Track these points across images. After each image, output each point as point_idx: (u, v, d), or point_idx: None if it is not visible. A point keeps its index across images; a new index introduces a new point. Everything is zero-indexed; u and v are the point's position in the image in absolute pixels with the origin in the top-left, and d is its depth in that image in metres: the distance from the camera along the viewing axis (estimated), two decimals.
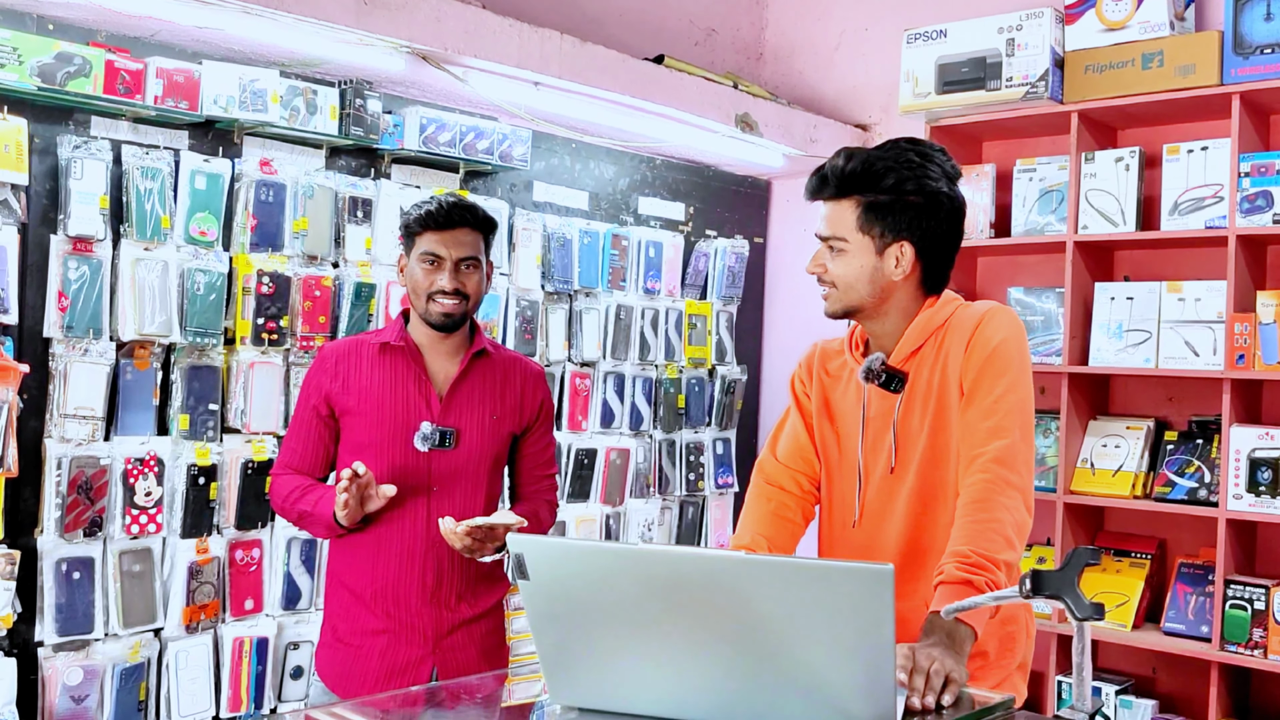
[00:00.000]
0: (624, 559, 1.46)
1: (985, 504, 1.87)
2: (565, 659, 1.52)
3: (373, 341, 2.49)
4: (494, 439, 2.50)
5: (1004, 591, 1.56)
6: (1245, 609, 3.35)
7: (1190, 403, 3.71)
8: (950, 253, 2.08)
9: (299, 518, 2.45)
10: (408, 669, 2.40)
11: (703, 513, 4.42)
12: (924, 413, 2.04)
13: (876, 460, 2.09)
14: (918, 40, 3.96)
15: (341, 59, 3.05)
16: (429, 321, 2.43)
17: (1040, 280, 3.96)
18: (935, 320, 2.06)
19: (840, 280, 2.04)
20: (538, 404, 2.58)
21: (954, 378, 2.01)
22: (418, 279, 2.42)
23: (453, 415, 2.45)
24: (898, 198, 1.99)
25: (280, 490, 2.48)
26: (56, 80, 2.65)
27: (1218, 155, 3.49)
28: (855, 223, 2.01)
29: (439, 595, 2.43)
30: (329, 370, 2.47)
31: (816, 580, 1.36)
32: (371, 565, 2.42)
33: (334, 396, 2.45)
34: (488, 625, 2.53)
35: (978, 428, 1.95)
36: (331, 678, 2.45)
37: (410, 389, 2.44)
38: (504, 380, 2.53)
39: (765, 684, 1.43)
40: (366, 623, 2.42)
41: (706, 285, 4.40)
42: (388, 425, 2.42)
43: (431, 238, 2.41)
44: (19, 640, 2.72)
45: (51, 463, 2.74)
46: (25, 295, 2.71)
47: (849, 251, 2.02)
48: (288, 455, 2.51)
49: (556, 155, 3.90)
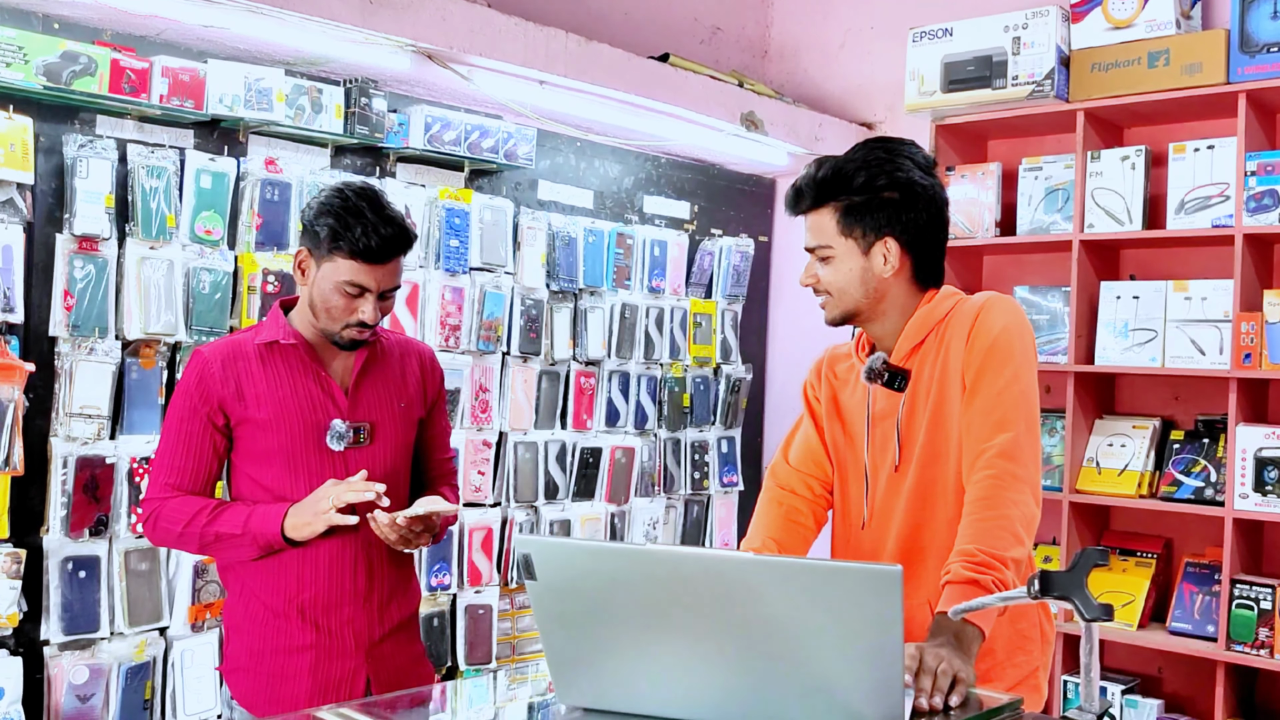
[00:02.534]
0: (632, 559, 1.45)
1: (992, 501, 1.86)
2: (573, 659, 1.51)
3: (254, 341, 2.25)
4: (407, 427, 2.36)
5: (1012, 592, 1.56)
6: (1251, 608, 3.34)
7: (1196, 402, 3.70)
8: (937, 241, 2.07)
9: (214, 540, 2.18)
10: (341, 683, 2.24)
11: (708, 512, 4.41)
12: (925, 409, 2.03)
13: (882, 460, 2.09)
14: (923, 39, 3.95)
15: (347, 58, 3.05)
16: (335, 342, 2.23)
17: (1046, 279, 3.95)
18: (935, 314, 2.05)
19: (833, 287, 2.05)
20: (437, 385, 2.45)
21: (956, 371, 2.00)
22: (334, 304, 2.18)
23: (362, 409, 2.28)
24: (872, 196, 1.99)
25: (175, 516, 2.19)
26: (62, 79, 2.65)
27: (1224, 154, 3.49)
28: (836, 228, 2.02)
29: (371, 599, 2.27)
30: (216, 376, 2.20)
31: (825, 581, 1.35)
32: (297, 577, 2.22)
33: (228, 404, 2.20)
34: (412, 631, 2.40)
35: (982, 422, 1.94)
36: (257, 704, 2.23)
37: (312, 388, 2.24)
38: (402, 365, 2.38)
39: (773, 685, 1.43)
40: (292, 639, 2.23)
41: (711, 284, 4.40)
42: (295, 429, 2.21)
43: (359, 269, 2.15)
44: (25, 639, 2.72)
45: (57, 461, 2.74)
46: (31, 294, 2.71)
47: (836, 257, 2.03)
48: (171, 475, 2.21)
49: (561, 154, 3.89)
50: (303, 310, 2.26)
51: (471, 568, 3.58)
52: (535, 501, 3.77)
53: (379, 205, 2.18)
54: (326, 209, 2.17)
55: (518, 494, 3.72)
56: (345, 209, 2.15)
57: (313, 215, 2.19)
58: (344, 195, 2.18)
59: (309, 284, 2.22)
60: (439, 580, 3.49)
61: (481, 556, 3.60)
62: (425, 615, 3.47)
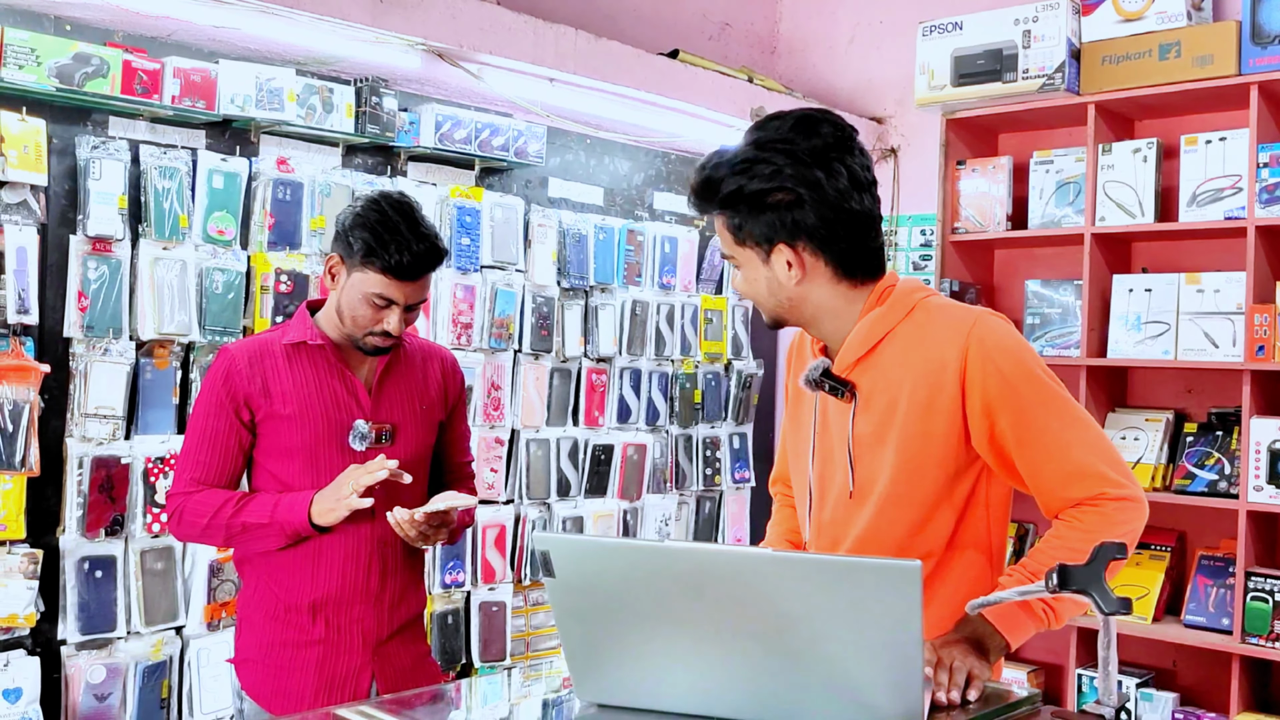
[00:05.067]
0: (649, 556, 1.45)
1: (1085, 530, 1.70)
2: (591, 656, 1.51)
3: (281, 341, 2.28)
4: (427, 429, 2.39)
5: (1030, 586, 1.55)
6: (1266, 601, 3.33)
7: (1210, 394, 3.69)
8: (850, 233, 1.75)
9: (241, 530, 2.21)
10: (347, 680, 2.26)
11: (719, 507, 4.41)
12: (886, 427, 1.78)
13: (831, 479, 1.86)
14: (933, 33, 3.95)
15: (357, 57, 3.06)
16: (358, 346, 2.26)
17: (1058, 272, 3.94)
18: (887, 321, 1.79)
19: (748, 294, 1.85)
20: (458, 389, 2.48)
21: (939, 400, 1.74)
22: (360, 313, 2.21)
23: (384, 410, 2.31)
24: (748, 205, 1.74)
25: (201, 509, 2.22)
26: (74, 81, 2.66)
27: (1236, 146, 3.47)
28: (731, 237, 1.79)
29: (382, 599, 2.30)
30: (243, 373, 2.23)
31: (842, 577, 1.35)
32: (313, 573, 2.25)
33: (254, 400, 2.23)
34: (418, 631, 2.42)
35: (1053, 477, 1.73)
36: (264, 695, 2.26)
37: (337, 388, 2.27)
38: (424, 369, 2.41)
39: (791, 680, 1.43)
40: (302, 633, 2.26)
41: (722, 280, 4.40)
42: (319, 427, 2.24)
43: (390, 284, 2.18)
44: (42, 639, 2.73)
45: (73, 462, 2.75)
46: (45, 295, 2.72)
47: (742, 265, 1.81)
48: (196, 470, 2.24)
49: (571, 151, 3.90)
50: (329, 313, 2.29)
51: (485, 565, 3.58)
52: (548, 499, 3.78)
53: (414, 221, 2.20)
54: (363, 221, 2.18)
55: (530, 491, 3.72)
56: (382, 223, 2.17)
57: (349, 224, 2.20)
58: (381, 209, 2.19)
59: (338, 290, 2.24)
60: (453, 578, 3.50)
61: (495, 554, 3.60)
62: (440, 613, 3.48)
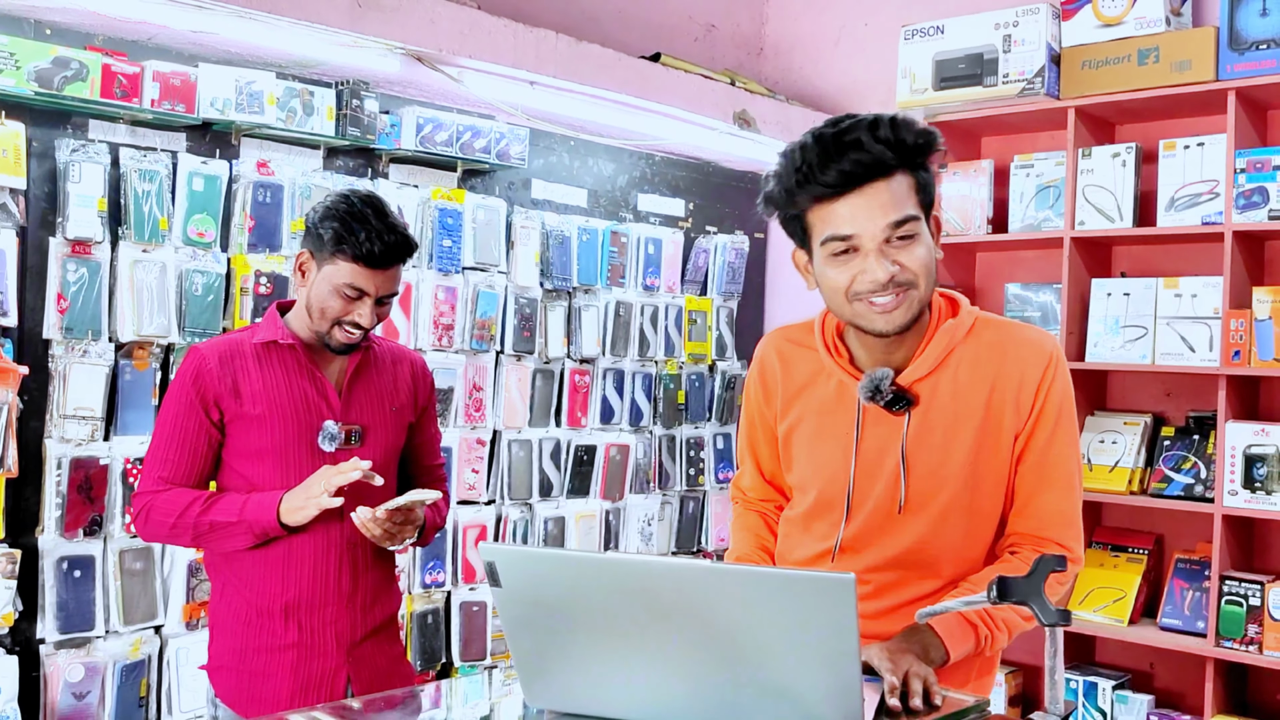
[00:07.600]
0: (593, 567, 1.48)
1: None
2: (539, 663, 1.54)
3: (251, 340, 2.29)
4: (397, 431, 2.40)
5: (972, 597, 1.58)
6: (1241, 604, 3.35)
7: (1187, 398, 3.71)
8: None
9: (209, 529, 2.21)
10: (321, 683, 2.26)
11: (703, 507, 4.44)
12: (951, 440, 1.78)
13: (871, 492, 1.83)
14: (915, 36, 3.96)
15: (337, 60, 3.07)
16: (326, 344, 2.27)
17: (1037, 276, 3.96)
18: (958, 333, 1.79)
19: (923, 271, 1.68)
20: (427, 392, 2.49)
21: (1005, 419, 1.78)
22: (331, 306, 2.22)
23: (354, 411, 2.32)
24: (928, 166, 1.71)
25: (168, 508, 2.21)
26: (54, 85, 2.68)
27: (1214, 151, 3.49)
28: (915, 199, 1.67)
29: (354, 599, 2.31)
30: (213, 372, 2.23)
31: (780, 589, 1.38)
32: (283, 576, 2.25)
33: (223, 400, 2.24)
34: (392, 632, 2.43)
35: (1042, 508, 1.80)
36: (239, 701, 2.26)
37: (307, 388, 2.28)
38: (394, 371, 2.43)
39: (735, 688, 1.45)
40: (275, 637, 2.26)
41: (706, 281, 4.42)
42: (289, 428, 2.25)
43: (360, 273, 2.20)
44: (21, 638, 2.76)
45: (52, 463, 2.78)
46: (25, 297, 2.75)
47: (919, 233, 1.67)
48: (164, 469, 2.24)
49: (555, 153, 3.91)
50: (299, 313, 2.31)
51: (466, 565, 3.61)
52: (530, 499, 3.80)
53: (383, 213, 2.25)
54: (332, 213, 2.22)
55: (512, 492, 3.75)
56: (350, 214, 2.21)
57: (317, 218, 2.25)
58: (349, 200, 2.24)
59: (308, 285, 2.26)
60: (433, 578, 3.53)
61: (475, 554, 3.63)
62: (420, 612, 3.51)
